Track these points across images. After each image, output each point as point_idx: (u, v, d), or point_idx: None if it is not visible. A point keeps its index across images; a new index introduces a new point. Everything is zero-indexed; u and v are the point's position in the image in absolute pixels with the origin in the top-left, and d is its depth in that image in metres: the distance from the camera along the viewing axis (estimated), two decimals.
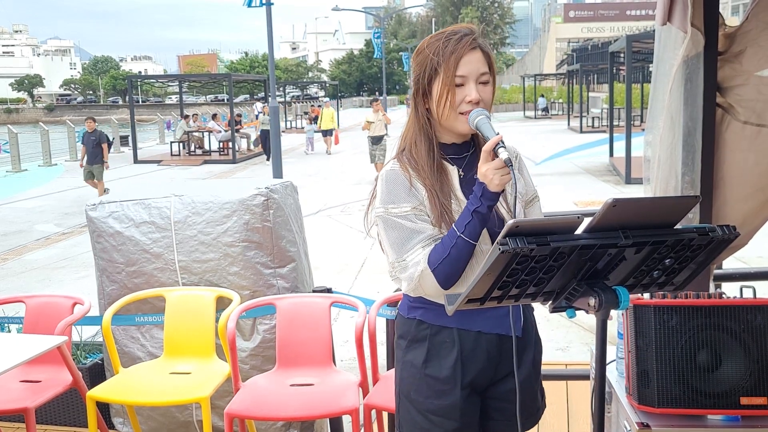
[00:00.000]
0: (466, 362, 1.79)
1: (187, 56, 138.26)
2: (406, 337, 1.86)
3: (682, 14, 2.37)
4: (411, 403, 1.85)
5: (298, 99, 46.82)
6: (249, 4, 16.73)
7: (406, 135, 1.84)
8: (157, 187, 3.94)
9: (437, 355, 1.80)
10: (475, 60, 1.73)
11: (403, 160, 1.80)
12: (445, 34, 1.76)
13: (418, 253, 1.71)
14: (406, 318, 1.86)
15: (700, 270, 1.51)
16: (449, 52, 1.72)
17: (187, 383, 3.08)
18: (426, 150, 1.78)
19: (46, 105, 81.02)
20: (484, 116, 1.70)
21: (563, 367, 4.22)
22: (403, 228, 1.73)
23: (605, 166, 15.98)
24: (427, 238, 1.71)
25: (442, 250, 1.68)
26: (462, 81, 1.72)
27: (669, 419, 2.03)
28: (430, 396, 1.81)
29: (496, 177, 1.60)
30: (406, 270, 1.72)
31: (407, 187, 1.75)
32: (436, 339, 1.80)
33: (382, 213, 1.76)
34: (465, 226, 1.65)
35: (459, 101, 1.73)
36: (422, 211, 1.74)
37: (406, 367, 1.85)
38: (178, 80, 29.78)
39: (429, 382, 1.81)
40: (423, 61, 1.77)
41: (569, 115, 31.16)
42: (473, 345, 1.79)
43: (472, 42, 1.73)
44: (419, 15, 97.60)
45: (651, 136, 2.67)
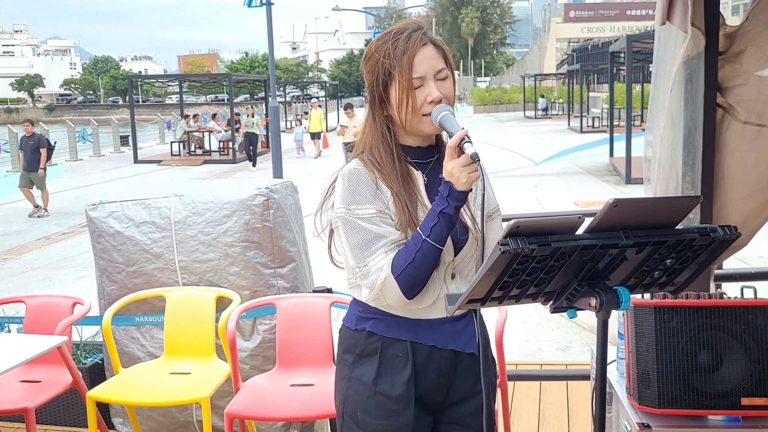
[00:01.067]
0: (420, 379, 1.67)
1: (188, 56, 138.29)
2: (353, 351, 1.71)
3: (683, 14, 2.37)
4: (357, 424, 1.70)
5: (299, 99, 46.83)
6: (249, 4, 16.73)
7: (365, 139, 1.72)
8: (158, 187, 3.93)
9: (389, 371, 1.67)
10: (428, 57, 1.62)
11: (365, 160, 1.68)
12: (392, 33, 1.65)
13: (381, 258, 1.59)
14: (353, 330, 1.72)
15: (701, 270, 1.51)
16: (400, 53, 1.61)
17: (187, 383, 3.08)
18: (389, 157, 1.67)
19: (46, 105, 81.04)
20: (448, 111, 1.60)
21: (564, 367, 4.22)
22: (365, 231, 1.61)
23: (605, 166, 15.98)
24: (390, 243, 1.60)
25: (406, 255, 1.57)
26: (420, 82, 1.61)
27: (670, 420, 2.03)
28: (379, 416, 1.67)
29: (463, 174, 1.51)
30: (368, 277, 1.60)
31: (372, 189, 1.64)
32: (388, 352, 1.67)
33: (343, 214, 1.64)
34: (431, 228, 1.55)
35: (420, 103, 1.62)
36: (387, 214, 1.63)
37: (353, 384, 1.70)
38: (179, 80, 29.80)
39: (379, 400, 1.67)
40: (374, 67, 1.65)
41: (569, 115, 31.17)
42: (426, 360, 1.68)
43: (422, 38, 1.63)
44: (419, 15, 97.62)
45: (651, 136, 2.67)
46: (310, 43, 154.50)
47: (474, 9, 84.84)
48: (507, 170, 15.76)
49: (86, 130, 25.48)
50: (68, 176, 18.46)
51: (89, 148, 24.94)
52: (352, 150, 8.22)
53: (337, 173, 1.71)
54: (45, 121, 37.97)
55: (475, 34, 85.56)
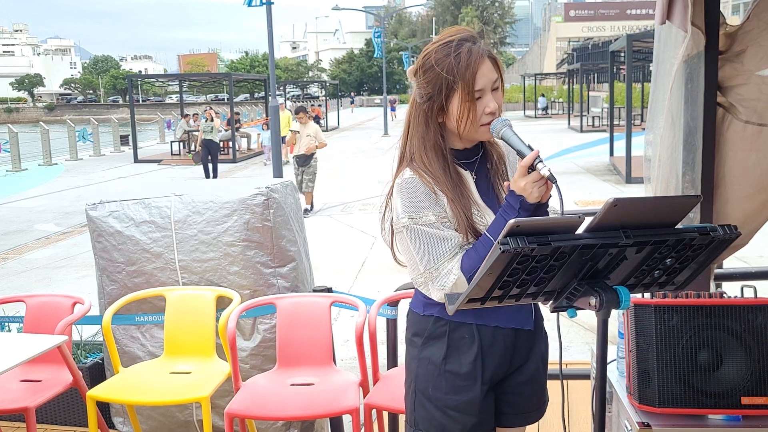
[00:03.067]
0: (486, 358, 1.81)
1: (188, 56, 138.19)
2: (422, 334, 1.86)
3: (683, 13, 2.37)
4: (429, 399, 1.85)
5: (298, 98, 46.81)
6: (249, 4, 16.70)
7: (411, 144, 1.81)
8: (158, 186, 3.93)
9: (457, 351, 1.81)
10: (488, 69, 1.73)
11: (417, 169, 1.77)
12: (452, 46, 1.73)
13: (448, 262, 1.71)
14: (422, 315, 1.86)
15: (701, 270, 1.51)
16: (464, 67, 1.70)
17: (187, 383, 3.08)
18: (440, 162, 1.77)
19: (46, 104, 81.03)
20: (508, 127, 1.70)
21: (564, 366, 4.22)
22: (431, 237, 1.72)
23: (606, 165, 15.98)
24: (454, 246, 1.72)
25: (476, 258, 1.67)
26: (480, 94, 1.72)
27: (670, 419, 2.03)
28: (449, 392, 1.82)
29: (536, 190, 1.62)
30: (439, 279, 1.72)
31: (430, 196, 1.74)
32: (455, 335, 1.81)
33: (407, 223, 1.74)
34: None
35: (479, 114, 1.73)
36: (446, 218, 1.74)
37: (423, 364, 1.85)
38: (179, 79, 29.76)
39: (448, 377, 1.81)
40: (435, 80, 1.73)
41: (569, 115, 31.16)
42: (491, 340, 1.81)
43: (483, 52, 1.73)
44: (419, 14, 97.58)
45: (651, 136, 2.67)
46: (310, 43, 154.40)
47: (474, 8, 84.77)
48: None
49: (86, 129, 25.47)
50: (68, 176, 18.46)
51: (89, 147, 24.94)
52: (302, 164, 7.74)
53: (393, 182, 1.82)
54: (45, 120, 37.91)
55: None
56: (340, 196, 12.68)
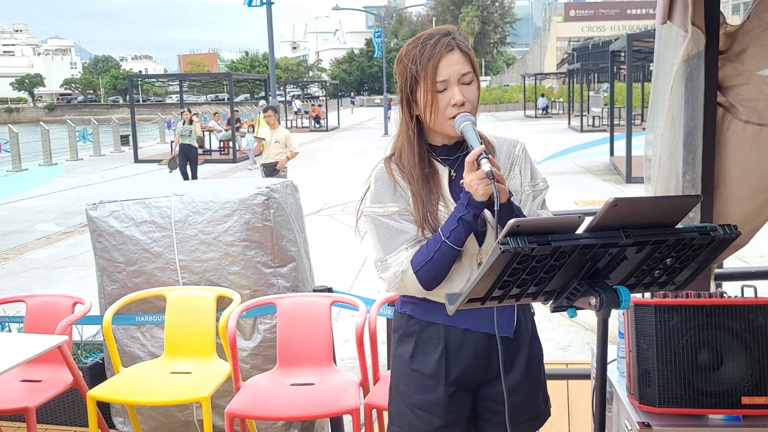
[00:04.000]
0: (451, 359, 1.80)
1: (188, 56, 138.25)
2: (398, 330, 1.89)
3: (683, 13, 2.37)
4: (399, 396, 1.88)
5: (299, 98, 46.82)
6: (249, 4, 16.73)
7: (397, 141, 1.85)
8: (158, 186, 3.93)
9: (424, 351, 1.82)
10: (453, 62, 1.71)
11: (390, 163, 1.82)
12: (422, 39, 1.74)
13: (402, 253, 1.73)
14: (398, 312, 1.90)
15: (702, 269, 1.51)
16: (426, 58, 1.70)
17: (187, 383, 3.08)
18: (415, 157, 1.78)
19: (46, 104, 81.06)
20: (469, 122, 1.68)
21: (564, 366, 4.22)
22: (388, 228, 1.75)
23: (606, 165, 15.98)
24: (411, 239, 1.73)
25: (426, 253, 1.70)
26: (444, 85, 1.71)
27: (670, 419, 2.03)
28: (416, 390, 1.83)
29: (480, 187, 1.60)
30: (389, 269, 1.75)
31: (392, 188, 1.78)
32: (424, 334, 1.83)
33: (369, 212, 1.79)
34: (450, 231, 1.67)
35: (444, 106, 1.71)
36: (408, 211, 1.76)
37: (396, 360, 1.89)
38: (179, 79, 29.79)
39: (415, 376, 1.83)
40: (403, 71, 1.76)
41: (570, 115, 31.15)
42: (459, 342, 1.80)
43: (449, 44, 1.71)
44: (420, 14, 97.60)
45: (652, 135, 2.67)
46: (311, 43, 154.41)
47: (474, 8, 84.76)
48: None
49: (86, 129, 25.47)
50: (68, 176, 18.46)
51: (89, 147, 24.94)
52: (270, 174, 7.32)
53: (371, 173, 1.84)
54: (45, 120, 37.93)
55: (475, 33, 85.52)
56: (340, 196, 12.68)
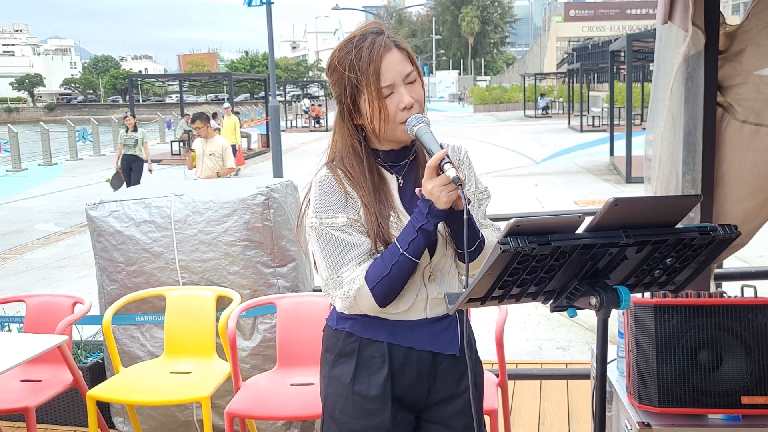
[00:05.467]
0: (396, 379, 1.66)
1: (188, 55, 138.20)
2: (332, 350, 1.71)
3: (683, 13, 2.37)
4: (336, 423, 1.70)
5: (298, 98, 46.80)
6: (249, 3, 16.72)
7: (334, 147, 1.67)
8: (158, 186, 3.94)
9: (366, 371, 1.66)
10: (394, 62, 1.57)
11: (335, 169, 1.64)
12: (354, 42, 1.58)
13: (354, 269, 1.58)
14: (334, 330, 1.71)
15: (702, 269, 1.51)
16: (365, 63, 1.55)
17: (187, 382, 3.08)
18: (359, 164, 1.63)
19: (46, 104, 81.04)
20: (424, 124, 1.56)
21: (564, 366, 4.22)
22: (337, 241, 1.60)
23: (606, 165, 15.98)
24: (363, 253, 1.59)
25: (382, 267, 1.56)
26: (389, 90, 1.56)
27: (670, 418, 2.03)
28: (356, 416, 1.66)
29: (443, 194, 1.48)
30: (341, 287, 1.59)
31: (342, 197, 1.61)
32: (365, 353, 1.66)
33: (315, 224, 1.62)
34: (409, 243, 1.54)
35: (393, 111, 1.57)
36: (359, 222, 1.61)
37: (332, 384, 1.70)
38: (179, 79, 29.76)
39: (356, 400, 1.66)
40: (340, 80, 1.60)
41: (569, 114, 31.15)
42: (403, 361, 1.66)
43: (386, 44, 1.57)
44: (419, 14, 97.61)
45: (652, 135, 2.67)
46: (310, 42, 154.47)
47: (474, 8, 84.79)
48: (507, 169, 15.76)
49: (86, 129, 25.47)
50: (68, 175, 18.46)
51: (89, 147, 24.95)
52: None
53: (311, 181, 1.66)
54: (45, 120, 37.93)
55: (475, 33, 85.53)
56: None
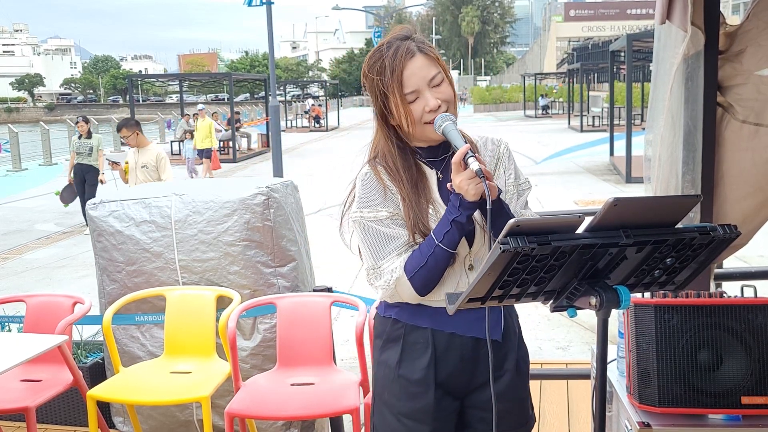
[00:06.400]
0: (440, 364, 1.75)
1: (188, 55, 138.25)
2: (381, 336, 1.83)
3: (683, 13, 2.37)
4: (384, 405, 1.81)
5: (299, 98, 46.80)
6: (249, 3, 16.72)
7: (377, 145, 1.79)
8: (158, 186, 3.94)
9: (411, 356, 1.76)
10: (417, 68, 1.66)
11: (376, 165, 1.76)
12: (381, 49, 1.70)
13: (394, 260, 1.68)
14: (382, 317, 1.83)
15: (701, 269, 1.51)
16: (390, 71, 1.66)
17: (187, 382, 3.08)
18: (400, 160, 1.74)
19: (46, 104, 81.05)
20: (450, 122, 1.65)
21: (564, 366, 4.22)
22: (378, 234, 1.71)
23: (606, 165, 15.97)
24: (403, 245, 1.69)
25: (419, 258, 1.65)
26: (414, 95, 1.66)
27: (670, 418, 2.03)
28: (402, 398, 1.77)
29: (471, 187, 1.56)
30: (382, 277, 1.70)
31: (382, 192, 1.72)
32: (410, 339, 1.77)
33: (358, 218, 1.74)
34: (444, 234, 1.63)
35: (420, 114, 1.67)
36: (399, 216, 1.71)
37: (381, 368, 1.82)
38: (179, 79, 29.72)
39: (402, 383, 1.77)
40: (371, 86, 1.72)
41: (569, 114, 31.15)
42: (446, 346, 1.75)
43: (409, 50, 1.66)
44: (420, 14, 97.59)
45: (651, 135, 2.67)
46: (310, 42, 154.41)
47: (474, 8, 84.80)
48: None
49: None
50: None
51: None
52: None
53: (354, 178, 1.79)
54: (45, 120, 37.91)
55: (475, 33, 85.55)
56: (340, 195, 12.66)
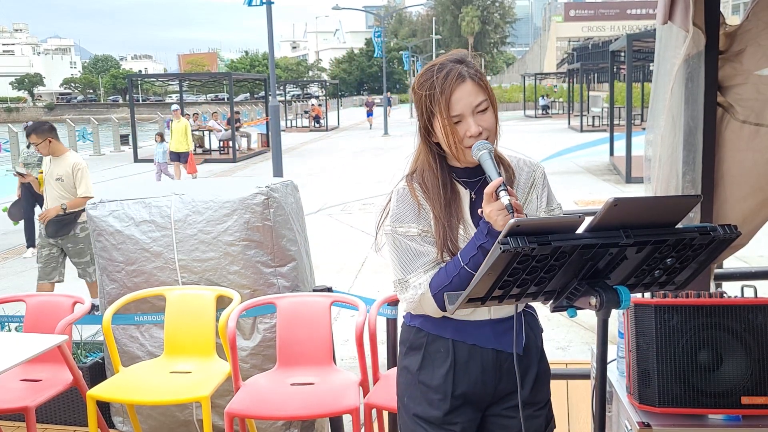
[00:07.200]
0: (459, 373, 1.80)
1: (188, 55, 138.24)
2: (405, 343, 1.89)
3: (684, 13, 2.37)
4: (404, 408, 1.88)
5: (298, 98, 46.80)
6: (249, 3, 16.70)
7: (417, 160, 1.84)
8: (158, 185, 3.94)
9: (431, 363, 1.83)
10: (466, 94, 1.70)
11: (412, 182, 1.81)
12: (434, 69, 1.74)
13: (421, 275, 1.74)
14: (407, 326, 1.90)
15: (701, 269, 1.51)
16: (439, 92, 1.70)
17: (187, 382, 3.08)
18: (435, 182, 1.78)
19: (46, 104, 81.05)
20: (486, 152, 1.68)
21: (564, 366, 4.22)
22: (408, 248, 1.76)
23: (606, 165, 15.98)
24: (431, 262, 1.74)
25: (445, 277, 1.70)
26: (459, 119, 1.71)
27: (670, 419, 2.03)
28: (421, 403, 1.83)
29: (500, 218, 1.59)
30: (408, 290, 1.76)
31: (416, 209, 1.77)
32: (432, 347, 1.83)
33: (390, 231, 1.79)
34: (470, 258, 1.67)
35: (462, 136, 1.72)
36: (429, 233, 1.76)
37: (403, 372, 1.89)
38: (179, 79, 29.73)
39: (422, 389, 1.84)
40: (419, 101, 1.77)
41: (569, 115, 31.15)
42: (467, 357, 1.80)
43: (460, 75, 1.71)
44: (420, 14, 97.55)
45: (652, 135, 2.67)
46: (311, 42, 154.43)
47: (474, 8, 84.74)
48: None
49: (86, 129, 25.45)
50: None
51: (89, 147, 24.93)
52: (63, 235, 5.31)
53: (391, 191, 1.84)
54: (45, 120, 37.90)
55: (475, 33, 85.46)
56: (340, 195, 12.68)
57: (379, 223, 1.86)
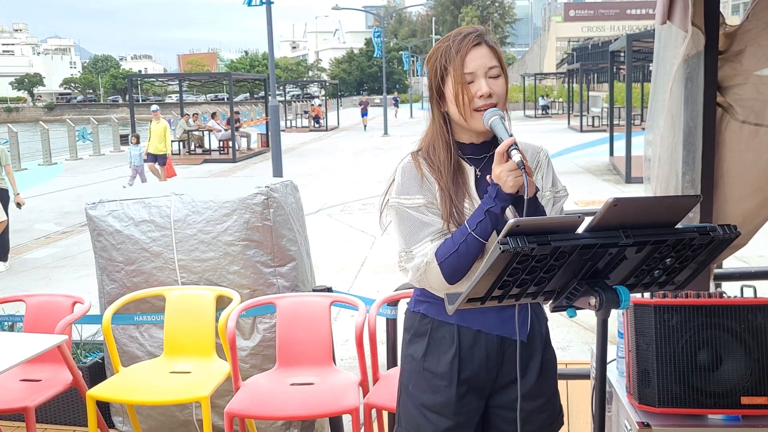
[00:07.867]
0: (464, 360, 1.81)
1: (187, 55, 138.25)
2: (410, 330, 1.89)
3: (683, 13, 2.37)
4: (409, 396, 1.88)
5: (298, 98, 46.82)
6: (249, 3, 16.69)
7: (426, 138, 1.87)
8: (157, 185, 3.94)
9: (437, 350, 1.83)
10: (480, 55, 1.75)
11: (417, 156, 1.83)
12: (451, 36, 1.80)
13: (427, 245, 1.74)
14: (411, 311, 1.90)
15: (701, 269, 1.51)
16: (455, 51, 1.75)
17: (187, 382, 3.08)
18: (444, 154, 1.80)
19: (46, 104, 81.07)
20: (498, 116, 1.71)
21: (563, 366, 4.22)
22: (413, 219, 1.77)
23: (605, 165, 15.98)
24: (436, 232, 1.75)
25: (451, 244, 1.70)
26: (471, 78, 1.74)
27: (670, 419, 2.03)
28: (426, 390, 1.83)
29: (510, 179, 1.61)
30: (413, 260, 1.75)
31: (420, 181, 1.79)
32: (437, 334, 1.83)
33: (395, 203, 1.81)
34: (477, 224, 1.67)
35: (472, 96, 1.75)
36: (434, 205, 1.77)
37: (407, 360, 1.89)
38: (178, 79, 29.72)
39: (426, 376, 1.83)
40: (433, 66, 1.81)
41: (569, 115, 31.15)
42: (472, 343, 1.80)
43: (476, 38, 1.76)
44: (419, 14, 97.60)
45: (651, 136, 2.67)
46: (310, 42, 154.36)
47: (474, 8, 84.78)
48: None
49: (86, 129, 25.45)
50: (68, 175, 18.45)
51: (89, 147, 24.93)
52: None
53: (397, 167, 1.85)
54: (45, 120, 37.93)
55: None
56: (340, 195, 12.68)
57: (383, 200, 1.87)
